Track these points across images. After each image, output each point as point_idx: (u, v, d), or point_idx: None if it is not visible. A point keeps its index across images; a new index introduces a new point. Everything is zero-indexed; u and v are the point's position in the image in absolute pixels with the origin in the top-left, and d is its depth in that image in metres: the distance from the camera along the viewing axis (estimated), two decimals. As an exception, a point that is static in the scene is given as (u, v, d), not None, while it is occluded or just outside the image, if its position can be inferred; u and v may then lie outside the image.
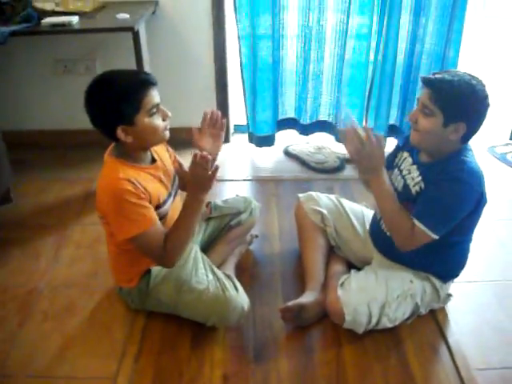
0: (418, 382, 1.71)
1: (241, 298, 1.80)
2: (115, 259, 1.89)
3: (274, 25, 2.82)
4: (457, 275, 1.94)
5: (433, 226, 1.66)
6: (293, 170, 3.02)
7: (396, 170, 1.90)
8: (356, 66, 2.90)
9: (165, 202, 1.77)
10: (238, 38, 2.86)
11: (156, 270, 1.84)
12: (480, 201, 1.71)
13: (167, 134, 1.73)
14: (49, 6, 2.63)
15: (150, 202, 1.68)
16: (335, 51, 2.91)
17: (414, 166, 1.82)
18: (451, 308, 1.98)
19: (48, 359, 1.79)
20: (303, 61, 2.95)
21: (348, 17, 2.76)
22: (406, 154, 1.88)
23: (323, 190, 2.67)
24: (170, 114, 1.70)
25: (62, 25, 2.41)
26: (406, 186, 1.82)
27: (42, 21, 2.45)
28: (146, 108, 1.61)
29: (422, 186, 1.75)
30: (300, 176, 2.96)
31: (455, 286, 2.01)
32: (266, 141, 3.17)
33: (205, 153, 1.63)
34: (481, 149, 3.24)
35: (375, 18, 2.77)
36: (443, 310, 1.98)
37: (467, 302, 2.04)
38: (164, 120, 1.69)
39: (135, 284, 1.85)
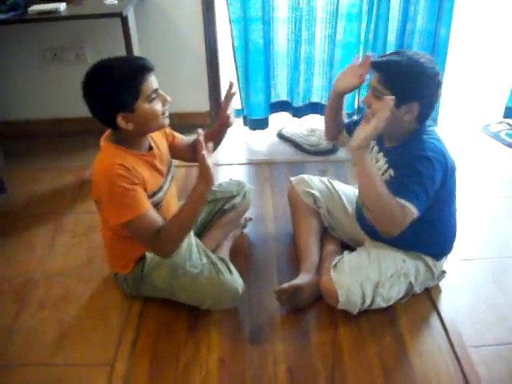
0: (412, 360, 1.72)
1: (235, 280, 1.81)
2: (110, 245, 1.89)
3: (264, 7, 2.79)
4: (448, 252, 1.95)
5: (415, 201, 1.62)
6: (286, 153, 3.01)
7: None
8: (347, 47, 2.88)
9: (160, 189, 1.77)
10: (230, 21, 2.84)
11: (150, 255, 1.84)
12: (446, 173, 1.69)
13: (167, 120, 1.72)
14: (36, -7, 2.61)
15: (145, 189, 1.68)
16: (326, 32, 2.89)
17: (381, 154, 1.83)
18: (446, 286, 1.99)
19: (45, 347, 1.80)
20: (294, 43, 2.93)
21: (338, -3, 2.75)
22: (372, 143, 1.88)
23: (317, 172, 2.67)
24: (169, 98, 1.69)
25: (49, 12, 2.38)
26: None
27: (29, 9, 2.42)
28: (145, 94, 1.60)
29: (392, 173, 1.75)
30: (293, 158, 2.95)
31: (450, 265, 2.02)
32: (259, 124, 3.16)
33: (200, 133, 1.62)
34: (474, 128, 3.24)
35: (365, -2, 2.76)
36: (438, 288, 1.99)
37: (462, 280, 2.05)
38: (163, 105, 1.68)
39: (130, 270, 1.86)
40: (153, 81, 1.63)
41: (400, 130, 1.73)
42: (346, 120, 2.06)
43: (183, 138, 2.02)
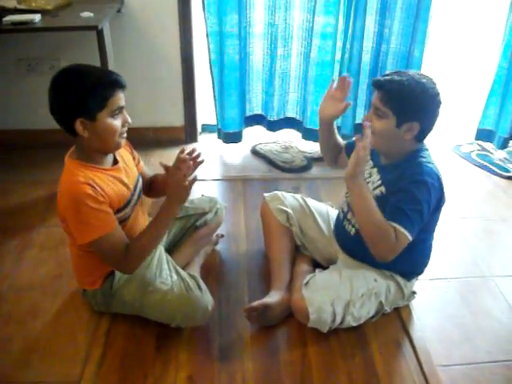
0: (381, 379, 1.73)
1: (205, 297, 1.80)
2: (78, 261, 1.87)
3: (240, 23, 2.82)
4: (420, 273, 1.97)
5: (410, 227, 1.66)
6: (260, 169, 3.02)
7: None
8: (322, 65, 2.92)
9: (126, 204, 1.75)
10: (207, 35, 2.85)
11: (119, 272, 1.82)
12: (440, 199, 1.74)
13: (123, 141, 1.70)
14: (11, 4, 2.58)
15: (112, 206, 1.67)
16: (301, 50, 2.93)
17: (375, 169, 1.84)
18: (415, 305, 2.01)
19: (10, 364, 1.76)
20: (270, 59, 2.96)
21: (314, 16, 2.78)
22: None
23: (290, 189, 2.68)
24: (130, 120, 1.67)
25: (24, 23, 2.36)
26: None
27: (3, 19, 2.39)
28: (110, 107, 1.59)
29: (383, 190, 1.77)
30: (267, 175, 2.96)
31: (419, 284, 2.03)
32: (233, 137, 3.17)
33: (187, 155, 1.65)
34: (446, 148, 3.29)
35: (341, 18, 2.80)
36: (407, 307, 2.00)
37: (431, 299, 2.07)
38: (123, 126, 1.66)
39: (99, 286, 1.84)
40: (121, 98, 1.62)
41: (399, 149, 1.75)
42: (341, 141, 2.06)
43: (144, 167, 2.00)
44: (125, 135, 1.70)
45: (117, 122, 1.63)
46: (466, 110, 3.66)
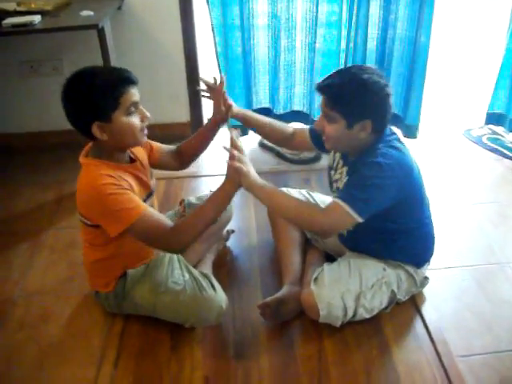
0: (399, 371, 1.70)
1: (218, 296, 1.77)
2: (91, 264, 1.85)
3: (242, 14, 2.78)
4: (428, 258, 1.94)
5: (354, 204, 1.59)
6: (268, 162, 2.99)
7: (333, 172, 1.90)
8: (327, 55, 2.88)
9: (145, 200, 1.73)
10: (212, 27, 2.82)
11: (132, 272, 1.80)
12: (401, 177, 1.65)
13: (144, 137, 1.68)
14: (10, 7, 2.56)
15: None
16: (306, 40, 2.89)
17: (345, 168, 1.81)
18: (432, 294, 1.98)
19: (24, 370, 1.75)
20: (274, 51, 2.92)
21: (317, 5, 2.74)
22: (337, 155, 1.88)
23: (299, 181, 2.65)
24: (148, 114, 1.65)
25: (24, 25, 2.34)
26: (338, 188, 1.83)
27: (3, 21, 2.37)
28: (124, 105, 1.56)
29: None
30: (276, 168, 2.93)
31: (434, 273, 2.01)
32: (240, 131, 3.13)
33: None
34: (456, 132, 3.25)
35: (344, 6, 2.75)
36: (423, 296, 1.97)
37: (448, 287, 2.04)
38: (142, 121, 1.64)
39: (112, 288, 1.82)
40: (134, 94, 1.59)
41: (359, 146, 1.70)
42: (281, 126, 2.09)
43: (161, 146, 1.98)
44: (146, 131, 1.67)
45: (134, 120, 1.61)
46: (475, 94, 3.62)
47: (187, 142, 2.04)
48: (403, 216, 1.74)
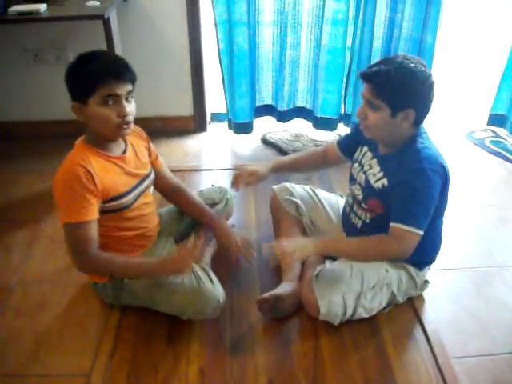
0: (395, 370, 1.70)
1: (216, 290, 1.77)
2: None
3: (249, 10, 2.77)
4: (432, 261, 1.94)
5: (418, 223, 1.65)
6: (271, 159, 2.98)
7: (357, 165, 1.89)
8: (333, 52, 2.87)
9: (127, 193, 1.74)
10: (215, 23, 2.81)
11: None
12: (445, 183, 1.69)
13: (123, 131, 1.66)
14: (16, -6, 2.55)
15: (104, 195, 1.66)
16: (312, 37, 2.88)
17: (374, 160, 1.80)
18: (429, 296, 1.98)
19: (20, 357, 1.75)
20: (279, 47, 2.92)
21: (324, 2, 2.73)
22: (365, 149, 1.87)
23: (301, 178, 2.64)
24: (127, 112, 1.62)
25: (30, 13, 2.34)
26: (367, 181, 1.80)
27: (9, 9, 2.37)
28: (100, 94, 1.58)
29: (385, 182, 1.73)
30: (278, 164, 2.92)
31: (433, 274, 2.00)
32: (243, 128, 3.14)
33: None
34: (459, 135, 3.24)
35: (351, 4, 2.75)
36: (421, 297, 1.97)
37: (445, 289, 2.04)
38: (119, 116, 1.62)
39: (108, 278, 1.82)
40: (117, 87, 1.58)
41: (397, 137, 1.70)
42: (306, 158, 2.13)
43: (167, 173, 2.02)
44: (126, 126, 1.65)
45: (108, 112, 1.60)
46: (478, 96, 3.61)
47: (188, 200, 2.05)
48: None
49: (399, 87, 1.59)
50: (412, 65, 1.60)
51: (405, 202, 1.66)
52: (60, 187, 1.63)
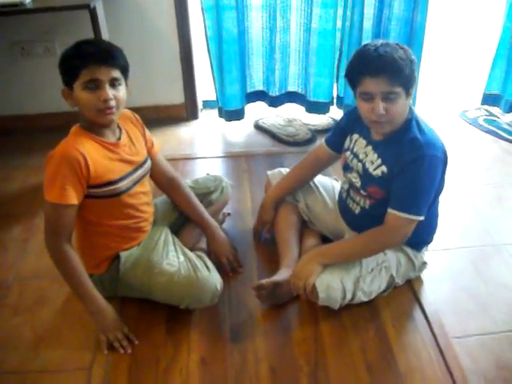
0: (395, 352, 1.70)
1: (213, 277, 1.77)
2: (81, 243, 1.84)
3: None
4: (430, 241, 1.94)
5: (418, 210, 1.65)
6: (264, 144, 2.98)
7: (349, 153, 1.87)
8: (323, 35, 2.85)
9: (121, 179, 1.72)
10: (202, 10, 2.78)
11: (125, 255, 1.79)
12: (444, 164, 1.70)
13: (104, 116, 1.63)
14: (0, -15, 2.51)
15: (95, 179, 1.64)
16: (301, 20, 2.85)
17: (370, 147, 1.78)
18: (428, 277, 1.98)
19: (20, 354, 1.74)
20: (269, 31, 2.89)
21: (313, -16, 2.70)
22: (356, 136, 1.85)
23: (295, 163, 2.61)
24: (108, 97, 1.59)
25: (14, 5, 2.30)
26: (365, 169, 1.78)
27: (-7, 1, 2.33)
28: (82, 79, 1.57)
29: (385, 169, 1.71)
30: (271, 150, 2.92)
31: (431, 255, 2.01)
32: (235, 115, 3.12)
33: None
34: (453, 114, 3.23)
35: (341, -15, 2.72)
36: (420, 279, 1.97)
37: (444, 269, 2.04)
38: (100, 100, 1.59)
39: (104, 270, 1.82)
40: (101, 72, 1.57)
41: (403, 118, 1.68)
42: (303, 175, 2.10)
43: (163, 163, 1.99)
44: (109, 111, 1.62)
45: (89, 96, 1.59)
46: (471, 75, 3.59)
47: (183, 199, 2.03)
48: None
49: (409, 66, 1.58)
50: (395, 45, 1.59)
51: (406, 190, 1.65)
52: (51, 164, 1.61)
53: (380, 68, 1.55)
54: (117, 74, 1.61)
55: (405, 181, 1.65)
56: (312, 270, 1.73)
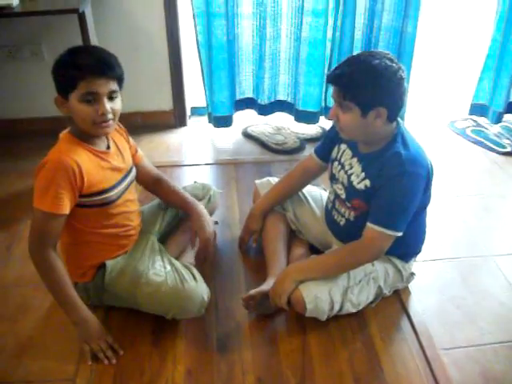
0: (383, 364, 1.69)
1: (200, 288, 1.75)
2: (67, 252, 1.81)
3: (227, 2, 2.73)
4: (418, 252, 1.93)
5: (395, 226, 1.64)
6: (252, 152, 2.96)
7: (336, 164, 1.86)
8: (313, 44, 2.84)
9: (112, 187, 1.70)
10: (193, 16, 2.77)
11: (111, 264, 1.77)
12: (428, 181, 1.69)
13: (100, 129, 1.62)
14: (-13, -12, 2.48)
15: (88, 188, 1.62)
16: (292, 29, 2.85)
17: (355, 159, 1.77)
18: (416, 288, 1.97)
19: (2, 363, 1.70)
20: (259, 39, 2.88)
21: (303, -7, 2.70)
22: (343, 146, 1.84)
23: (283, 171, 2.60)
24: (106, 111, 1.57)
25: (2, 8, 2.27)
26: (350, 182, 1.77)
27: (-21, 4, 2.30)
28: (79, 91, 1.54)
29: (368, 184, 1.70)
30: (260, 158, 2.90)
31: (419, 265, 2.00)
32: (223, 121, 3.10)
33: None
34: (441, 124, 3.24)
35: (331, -6, 2.72)
36: (407, 289, 1.96)
37: (431, 280, 2.03)
38: (97, 114, 1.57)
39: (89, 279, 1.79)
40: (98, 84, 1.54)
41: (374, 136, 1.67)
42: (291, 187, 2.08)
43: (147, 164, 1.98)
44: (105, 125, 1.60)
45: (86, 108, 1.56)
46: (460, 86, 3.61)
47: (169, 190, 2.01)
48: None
49: (363, 87, 1.55)
50: (376, 61, 1.54)
51: (385, 205, 1.65)
52: (44, 173, 1.57)
53: (332, 80, 1.61)
54: (114, 86, 1.59)
55: (384, 196, 1.64)
56: (285, 289, 1.71)
